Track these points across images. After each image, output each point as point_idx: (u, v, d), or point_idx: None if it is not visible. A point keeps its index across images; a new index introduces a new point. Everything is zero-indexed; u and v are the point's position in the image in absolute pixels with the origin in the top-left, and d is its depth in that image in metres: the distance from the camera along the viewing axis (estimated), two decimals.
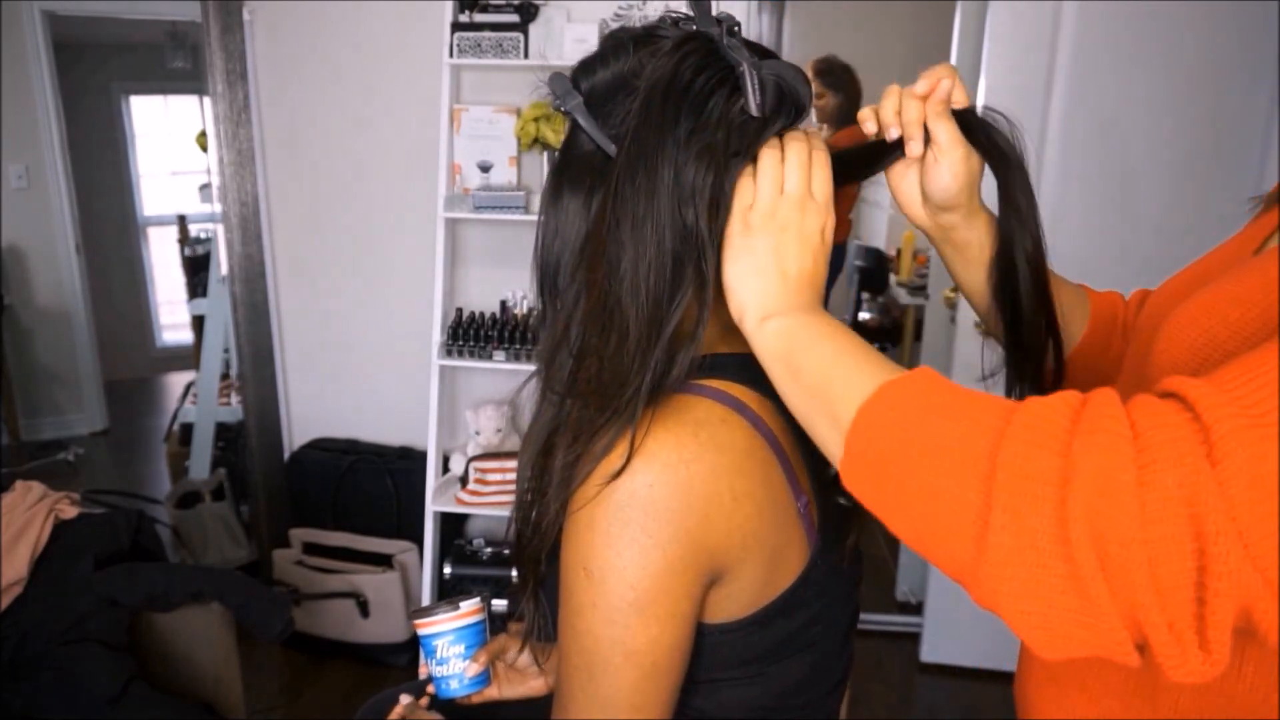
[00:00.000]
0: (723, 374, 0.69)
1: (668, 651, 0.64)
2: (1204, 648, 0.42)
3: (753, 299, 0.64)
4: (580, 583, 0.63)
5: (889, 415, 0.53)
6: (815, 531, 0.71)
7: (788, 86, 0.68)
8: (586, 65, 0.71)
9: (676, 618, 0.64)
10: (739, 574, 0.66)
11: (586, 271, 0.66)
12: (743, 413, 0.67)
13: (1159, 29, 1.98)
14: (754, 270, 0.64)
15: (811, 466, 0.72)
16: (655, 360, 0.64)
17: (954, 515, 0.48)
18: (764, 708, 0.73)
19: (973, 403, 0.51)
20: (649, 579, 0.62)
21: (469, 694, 0.96)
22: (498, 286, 2.41)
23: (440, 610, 0.94)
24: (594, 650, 0.64)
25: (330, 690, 2.34)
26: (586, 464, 0.64)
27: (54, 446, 3.91)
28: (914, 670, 2.43)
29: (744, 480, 0.65)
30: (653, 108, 0.64)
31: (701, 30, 0.67)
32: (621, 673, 0.64)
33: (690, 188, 0.63)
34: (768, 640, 0.70)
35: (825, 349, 0.59)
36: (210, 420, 3.05)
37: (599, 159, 0.68)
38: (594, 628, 0.63)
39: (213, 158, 2.49)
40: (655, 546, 0.62)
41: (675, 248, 0.63)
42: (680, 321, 0.64)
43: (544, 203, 0.72)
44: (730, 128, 0.65)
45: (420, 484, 2.36)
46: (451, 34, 2.15)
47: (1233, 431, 0.42)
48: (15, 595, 1.62)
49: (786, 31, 2.60)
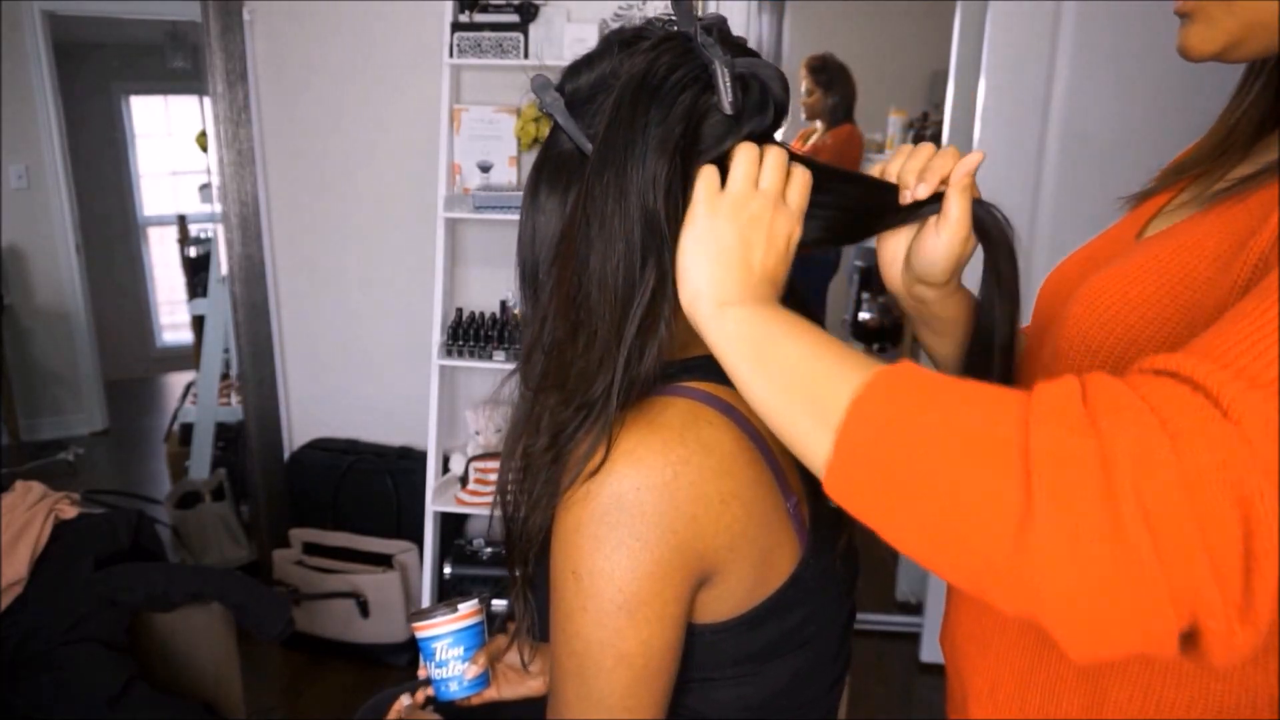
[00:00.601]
0: (704, 375, 0.69)
1: (659, 653, 0.64)
2: (1248, 619, 0.41)
3: (710, 285, 0.61)
4: (570, 586, 0.64)
5: (889, 408, 0.49)
6: (806, 531, 0.70)
7: (763, 85, 0.67)
8: (574, 68, 0.71)
9: (666, 620, 0.64)
10: (728, 575, 0.66)
11: (558, 269, 0.67)
12: (729, 413, 0.67)
13: (1159, 29, 1.97)
14: (715, 255, 0.62)
15: (802, 465, 0.72)
16: (624, 356, 0.63)
17: (985, 510, 0.44)
18: (758, 707, 0.73)
19: (980, 390, 0.48)
20: (637, 582, 0.62)
21: (468, 696, 0.96)
22: (498, 286, 2.41)
23: (439, 613, 0.94)
24: (585, 653, 0.64)
25: (330, 690, 2.34)
26: (571, 467, 0.64)
27: (54, 446, 3.91)
28: (914, 670, 2.43)
29: (731, 481, 0.64)
30: (623, 105, 0.64)
31: (681, 30, 0.67)
32: (613, 675, 0.64)
33: (650, 177, 0.63)
34: (760, 640, 0.70)
35: (801, 342, 0.56)
36: (210, 420, 3.05)
37: (576, 158, 0.68)
38: (584, 630, 0.64)
39: (213, 158, 2.49)
40: (643, 549, 0.62)
41: (642, 244, 0.63)
42: (649, 318, 0.63)
43: (524, 202, 0.72)
44: (697, 122, 0.64)
45: (420, 484, 2.36)
46: (451, 34, 2.15)
47: (1239, 394, 0.41)
48: (15, 595, 1.62)
49: (786, 31, 2.60)
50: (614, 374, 0.63)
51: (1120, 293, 0.61)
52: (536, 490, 0.68)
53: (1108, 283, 0.63)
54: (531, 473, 0.68)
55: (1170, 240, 0.62)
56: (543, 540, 0.69)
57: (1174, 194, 0.72)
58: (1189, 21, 0.61)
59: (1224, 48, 0.60)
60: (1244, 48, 0.59)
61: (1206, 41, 0.60)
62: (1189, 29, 0.61)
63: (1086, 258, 0.75)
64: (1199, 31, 0.60)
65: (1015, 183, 2.10)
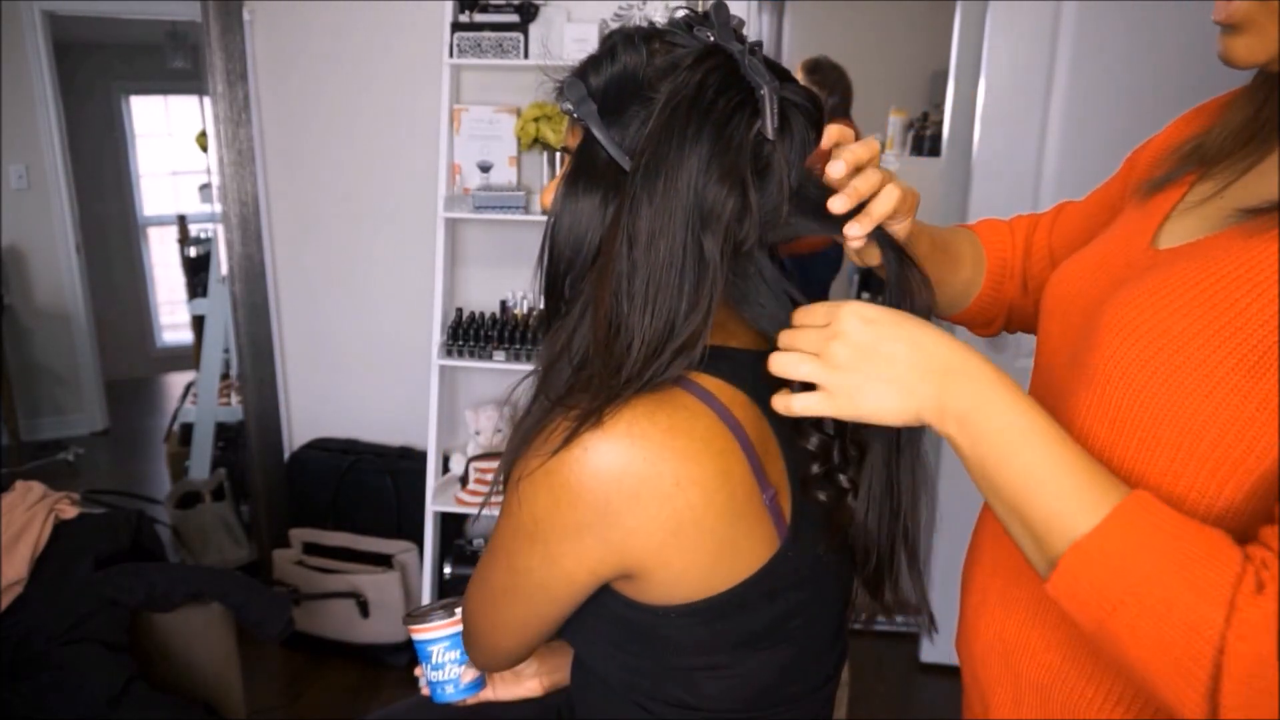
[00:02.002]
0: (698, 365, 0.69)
1: (538, 586, 0.70)
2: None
3: (904, 409, 0.62)
4: (508, 500, 0.68)
5: (1107, 564, 0.54)
6: (786, 524, 0.70)
7: (807, 111, 0.69)
8: (595, 61, 0.69)
9: (556, 564, 0.67)
10: (671, 559, 0.66)
11: (595, 286, 0.66)
12: (709, 403, 0.67)
13: (1159, 28, 1.98)
14: (883, 389, 0.62)
15: (790, 458, 0.72)
16: (650, 373, 0.64)
17: (1179, 676, 0.51)
18: (746, 700, 0.74)
19: (1199, 559, 0.52)
20: (548, 518, 0.65)
21: (465, 698, 0.96)
22: (498, 286, 2.41)
23: (436, 616, 0.93)
24: (492, 548, 0.73)
25: (330, 690, 2.34)
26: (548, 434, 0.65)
27: (54, 446, 3.91)
28: (914, 670, 2.43)
29: (695, 468, 0.64)
30: (675, 124, 0.63)
31: (721, 45, 0.67)
32: (500, 574, 0.72)
33: (710, 210, 0.63)
34: (739, 629, 0.70)
35: (1017, 464, 0.58)
36: (210, 420, 3.05)
37: (614, 168, 0.68)
38: (499, 532, 0.71)
39: (213, 158, 2.49)
40: (571, 500, 0.64)
41: (690, 270, 0.63)
42: (689, 344, 0.65)
43: (555, 205, 0.71)
44: (747, 152, 0.65)
45: (420, 484, 2.36)
46: (451, 34, 2.15)
47: None
48: (15, 595, 1.62)
49: (786, 31, 2.60)
50: (635, 386, 0.64)
51: (1160, 324, 0.60)
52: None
53: (1140, 308, 0.62)
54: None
55: (1209, 266, 0.60)
56: None
57: (1186, 189, 0.70)
58: (1237, 31, 0.60)
59: (1271, 57, 0.59)
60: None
61: (1255, 51, 0.60)
62: (1236, 38, 0.61)
63: (1097, 264, 0.74)
64: (1247, 42, 0.60)
65: (1015, 182, 2.10)
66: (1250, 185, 0.64)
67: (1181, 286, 0.60)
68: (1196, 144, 0.71)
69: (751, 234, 0.67)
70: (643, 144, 0.65)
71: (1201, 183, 0.69)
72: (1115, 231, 0.76)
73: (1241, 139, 0.67)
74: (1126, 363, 0.62)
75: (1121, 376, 0.62)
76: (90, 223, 4.18)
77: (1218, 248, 0.61)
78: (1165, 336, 0.60)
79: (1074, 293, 0.74)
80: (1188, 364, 0.58)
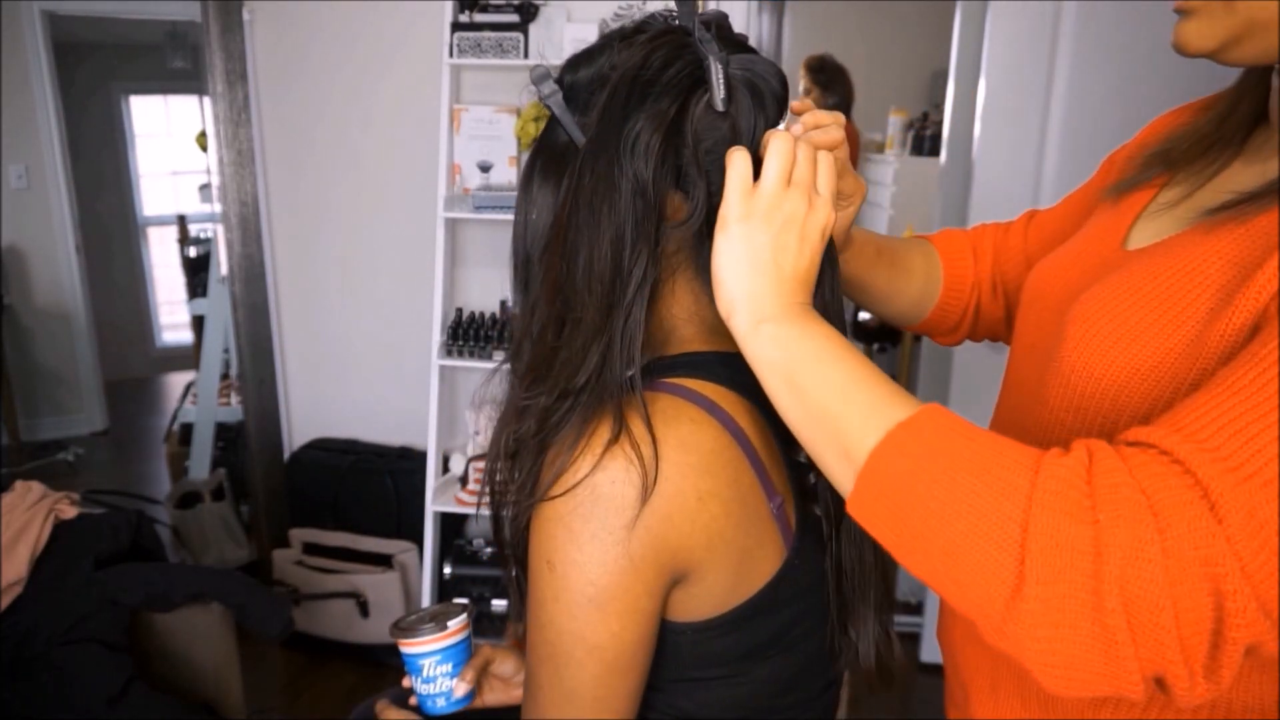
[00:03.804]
0: (697, 372, 0.68)
1: (630, 647, 0.64)
2: (1213, 678, 0.48)
3: (746, 298, 0.62)
4: (544, 576, 0.63)
5: (906, 463, 0.53)
6: (792, 532, 0.70)
7: (759, 82, 0.67)
8: (573, 61, 0.70)
9: (637, 614, 0.63)
10: (705, 574, 0.65)
11: (547, 257, 0.67)
12: (713, 412, 0.66)
13: (1159, 28, 1.97)
14: (750, 264, 0.62)
15: (791, 467, 0.72)
16: (611, 347, 0.63)
17: (982, 574, 0.50)
18: (748, 708, 0.73)
19: (993, 457, 0.51)
20: (608, 575, 0.62)
21: (455, 711, 0.94)
22: (498, 286, 2.41)
23: (425, 630, 0.90)
24: (557, 643, 0.64)
25: (330, 690, 2.34)
26: (553, 460, 0.64)
27: (54, 446, 3.91)
28: (914, 670, 2.43)
29: (710, 480, 0.64)
30: (617, 96, 0.64)
31: (681, 25, 0.67)
32: (584, 667, 0.64)
33: (640, 167, 0.63)
34: (746, 641, 0.69)
35: (828, 371, 0.58)
36: (210, 420, 3.05)
37: (571, 150, 0.68)
38: (556, 620, 0.64)
39: (213, 158, 2.49)
40: (616, 543, 0.61)
41: (631, 233, 0.63)
42: (635, 307, 0.64)
43: (518, 195, 0.72)
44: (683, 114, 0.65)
45: (420, 484, 2.36)
46: (451, 34, 2.15)
47: (1228, 489, 0.46)
48: (15, 595, 1.62)
49: (786, 31, 2.60)
50: (601, 364, 0.63)
51: (1120, 318, 0.61)
52: (523, 477, 0.67)
53: (1103, 302, 0.63)
54: (520, 460, 0.68)
55: (1168, 261, 0.61)
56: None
57: (1156, 190, 0.72)
58: (1187, 17, 0.60)
59: (1221, 45, 0.59)
60: (1241, 47, 0.59)
61: (1204, 38, 0.60)
62: (1187, 24, 0.61)
63: (1071, 262, 0.75)
64: (1197, 27, 0.60)
65: (1015, 182, 2.10)
66: (1219, 188, 0.65)
67: (1140, 281, 0.62)
68: (1164, 149, 0.72)
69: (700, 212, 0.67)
70: (592, 118, 0.65)
71: (1169, 188, 0.70)
72: (1089, 231, 0.77)
73: (1204, 145, 0.69)
74: (1089, 354, 0.63)
75: (1084, 368, 0.63)
76: (90, 223, 4.18)
77: (1179, 244, 0.62)
78: (1123, 328, 0.61)
79: (1048, 289, 0.75)
80: (1142, 354, 0.59)
